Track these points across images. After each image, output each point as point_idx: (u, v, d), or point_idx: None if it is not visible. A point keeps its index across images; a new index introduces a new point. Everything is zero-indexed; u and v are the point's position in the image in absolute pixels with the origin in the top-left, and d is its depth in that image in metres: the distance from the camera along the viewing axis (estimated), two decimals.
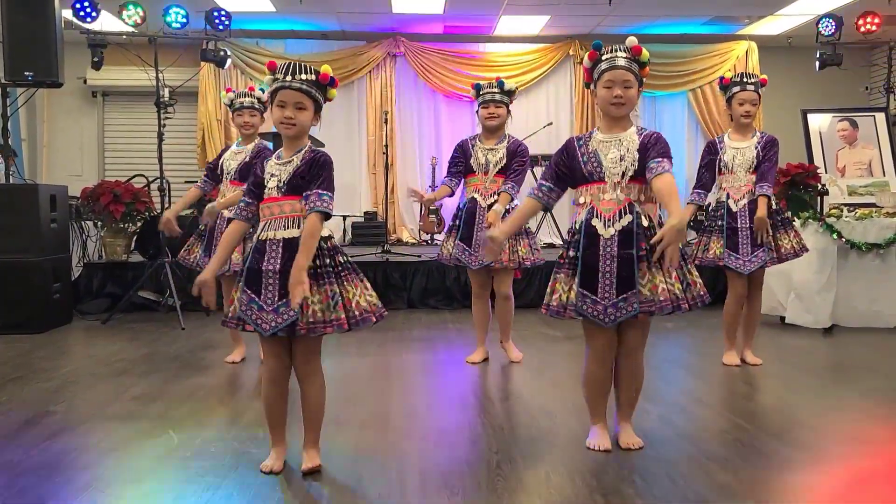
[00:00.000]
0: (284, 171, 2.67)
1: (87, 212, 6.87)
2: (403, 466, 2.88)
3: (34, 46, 5.76)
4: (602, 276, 2.84)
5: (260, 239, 2.66)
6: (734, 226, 4.34)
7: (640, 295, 2.83)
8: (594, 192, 2.88)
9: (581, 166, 2.90)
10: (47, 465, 2.86)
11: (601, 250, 2.84)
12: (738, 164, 4.35)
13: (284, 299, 2.58)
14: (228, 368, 4.56)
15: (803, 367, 4.63)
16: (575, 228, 2.93)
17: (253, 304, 2.63)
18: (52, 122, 10.04)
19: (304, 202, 2.62)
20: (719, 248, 4.36)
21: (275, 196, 2.66)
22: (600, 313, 2.85)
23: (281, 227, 2.64)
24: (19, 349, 5.09)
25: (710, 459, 2.92)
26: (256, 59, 9.74)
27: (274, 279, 2.61)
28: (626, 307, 2.83)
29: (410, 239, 9.74)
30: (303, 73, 2.68)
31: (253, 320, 2.62)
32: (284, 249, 2.61)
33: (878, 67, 8.98)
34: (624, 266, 2.83)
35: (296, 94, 2.65)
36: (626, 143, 2.88)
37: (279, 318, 2.59)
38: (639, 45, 2.91)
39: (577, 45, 9.92)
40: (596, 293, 2.84)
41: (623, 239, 2.83)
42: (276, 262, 2.61)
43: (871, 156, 7.06)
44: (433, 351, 5.17)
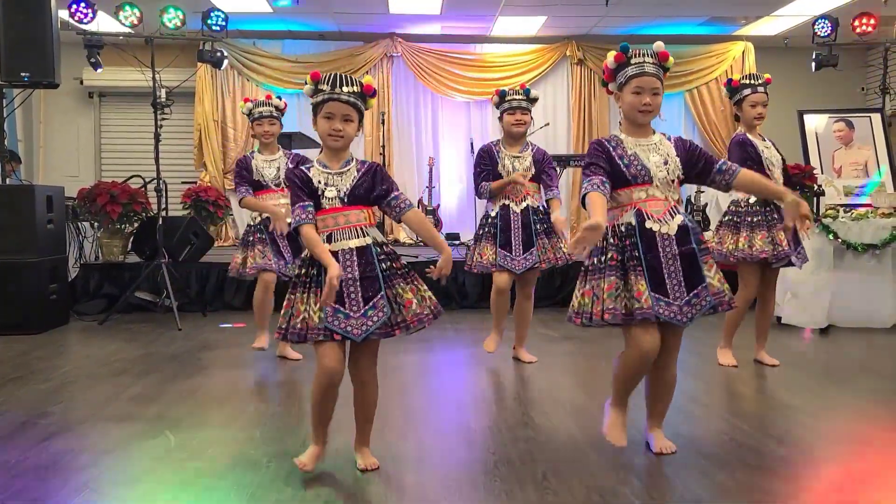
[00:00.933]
0: (342, 182, 2.72)
1: (84, 212, 6.87)
2: (401, 467, 2.88)
3: (30, 47, 5.76)
4: (669, 277, 2.80)
5: (331, 250, 2.67)
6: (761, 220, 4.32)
7: (711, 288, 2.84)
8: (640, 195, 2.85)
9: (623, 169, 2.86)
10: (44, 466, 2.86)
11: (660, 251, 2.80)
12: (774, 161, 4.35)
13: (371, 303, 2.65)
14: (226, 370, 4.56)
15: (800, 368, 4.64)
16: (622, 231, 2.84)
17: (339, 314, 2.64)
18: (49, 122, 10.02)
19: (392, 205, 2.74)
20: (787, 242, 4.27)
21: (337, 206, 2.69)
22: (676, 314, 2.80)
23: (351, 237, 2.69)
24: (16, 350, 5.08)
25: (707, 460, 2.92)
26: (253, 59, 9.74)
27: (355, 287, 2.65)
28: (699, 303, 2.82)
29: (407, 240, 9.74)
30: (349, 84, 2.70)
31: (342, 329, 2.64)
32: (359, 257, 2.67)
33: (874, 68, 9.01)
34: (687, 262, 2.82)
35: (344, 107, 2.69)
36: (664, 148, 2.90)
37: (368, 321, 2.64)
38: (666, 50, 2.90)
39: (573, 45, 9.93)
40: (668, 295, 2.80)
41: (680, 236, 2.83)
42: (354, 271, 2.66)
43: (867, 156, 7.07)
44: (431, 352, 5.16)
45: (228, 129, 9.84)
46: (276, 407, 3.82)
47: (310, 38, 9.95)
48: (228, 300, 6.87)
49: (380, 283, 2.66)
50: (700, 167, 2.91)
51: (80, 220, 7.06)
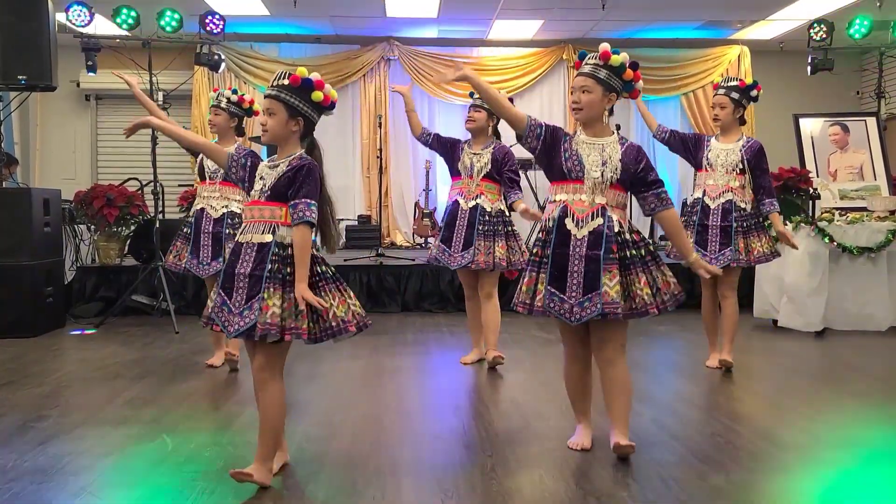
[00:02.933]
0: (270, 176, 2.68)
1: (81, 215, 6.86)
2: (397, 469, 2.89)
3: (28, 50, 5.76)
4: (570, 276, 2.88)
5: (238, 241, 2.69)
6: (706, 223, 4.41)
7: (606, 296, 2.83)
8: (569, 191, 2.92)
9: (562, 162, 2.93)
10: (41, 470, 2.85)
11: (571, 250, 2.88)
12: (720, 163, 4.41)
13: (249, 303, 2.60)
14: (220, 372, 4.55)
15: (795, 370, 4.66)
16: (548, 226, 2.96)
17: (224, 307, 2.66)
18: (46, 125, 10.01)
19: (291, 210, 2.62)
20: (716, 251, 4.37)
21: (258, 199, 2.68)
22: (566, 312, 2.88)
23: (258, 231, 2.66)
24: (12, 353, 5.07)
25: (703, 462, 2.94)
26: (250, 62, 9.74)
27: (244, 282, 2.63)
28: (590, 307, 2.85)
29: (404, 242, 9.75)
30: (276, 79, 2.71)
31: (221, 322, 2.66)
32: (257, 253, 2.63)
33: (869, 72, 9.04)
34: (591, 266, 2.86)
35: (267, 101, 2.70)
36: (609, 150, 2.93)
37: (242, 320, 2.60)
38: (607, 50, 2.93)
39: (570, 49, 9.95)
40: (564, 292, 2.88)
41: (593, 240, 2.86)
42: (248, 266, 2.63)
43: (862, 160, 7.10)
44: (427, 354, 5.17)
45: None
46: None
47: (306, 42, 9.95)
48: None
49: (262, 285, 2.60)
50: (638, 179, 2.93)
51: (77, 223, 7.05)
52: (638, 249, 2.91)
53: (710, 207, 4.41)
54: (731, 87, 4.42)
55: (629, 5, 8.26)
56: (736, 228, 4.36)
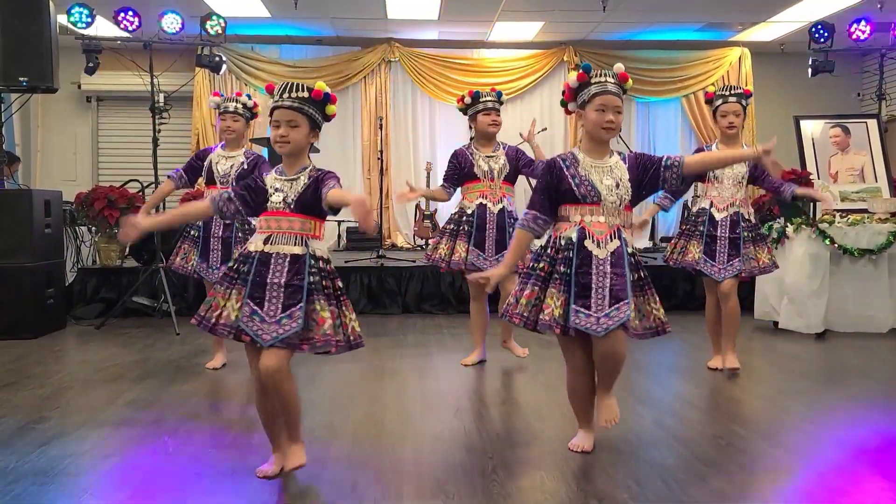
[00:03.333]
0: (291, 189, 2.70)
1: (82, 217, 6.86)
2: (398, 471, 2.89)
3: (29, 52, 5.76)
4: (595, 292, 2.89)
5: (265, 251, 2.67)
6: (714, 234, 4.42)
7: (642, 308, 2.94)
8: (585, 214, 2.93)
9: (574, 189, 2.93)
10: (42, 472, 2.85)
11: (594, 269, 2.89)
12: (726, 175, 4.43)
13: (288, 311, 2.62)
14: (222, 374, 4.56)
15: (796, 372, 4.66)
16: (560, 244, 2.94)
17: (255, 316, 2.64)
18: (47, 127, 10.02)
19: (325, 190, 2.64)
20: (697, 253, 4.43)
21: (282, 210, 2.69)
22: (593, 324, 2.88)
23: (289, 243, 2.67)
24: (13, 354, 5.08)
25: (704, 463, 2.94)
26: (251, 64, 9.75)
27: (279, 292, 2.64)
28: (617, 315, 2.86)
29: (405, 244, 9.75)
30: (296, 91, 2.70)
31: (253, 331, 2.64)
32: (291, 265, 2.65)
33: (870, 74, 9.04)
34: (617, 280, 2.89)
35: (288, 112, 2.68)
36: (618, 171, 2.95)
37: (280, 328, 2.62)
38: (626, 73, 2.98)
39: (571, 51, 9.96)
40: (590, 308, 2.89)
41: (615, 260, 2.90)
42: (282, 277, 2.65)
43: (863, 162, 7.10)
44: (428, 356, 5.17)
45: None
46: None
47: (307, 43, 9.96)
48: None
49: (302, 295, 2.63)
50: (651, 172, 2.96)
51: (78, 225, 7.05)
52: (644, 271, 2.99)
53: (716, 219, 4.42)
54: (740, 95, 4.45)
55: (630, 7, 8.27)
56: (744, 240, 4.41)
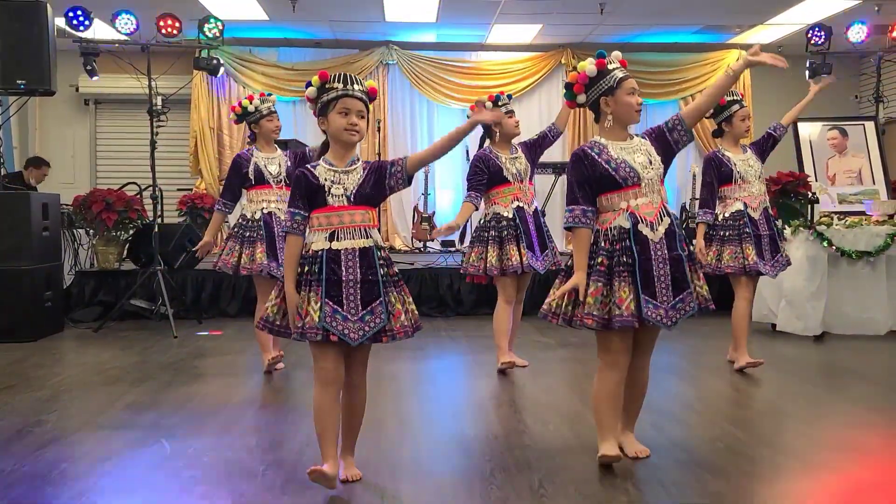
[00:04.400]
0: (349, 180, 2.71)
1: (80, 220, 6.86)
2: (397, 475, 2.88)
3: (27, 55, 5.76)
4: (658, 281, 2.85)
5: (333, 249, 2.65)
6: (758, 233, 4.50)
7: (696, 293, 2.90)
8: (631, 198, 2.88)
9: (612, 173, 2.88)
10: (40, 475, 2.85)
11: (653, 254, 2.85)
12: (751, 174, 4.54)
13: (368, 307, 2.63)
14: (221, 377, 4.55)
15: (794, 374, 4.66)
16: (614, 235, 2.87)
17: (337, 315, 2.62)
18: (44, 129, 10.01)
19: (391, 167, 2.74)
20: (753, 256, 4.44)
21: (343, 205, 2.68)
22: (662, 317, 2.84)
23: (356, 237, 2.67)
24: (10, 357, 5.07)
25: (703, 467, 2.93)
26: (249, 67, 9.75)
27: (355, 289, 2.63)
28: (683, 308, 2.86)
29: (403, 246, 9.75)
30: (359, 83, 2.75)
31: (339, 331, 2.61)
32: (361, 258, 2.65)
33: (867, 77, 9.04)
34: (676, 267, 2.87)
35: (358, 103, 2.71)
36: (645, 148, 2.95)
37: (366, 326, 2.63)
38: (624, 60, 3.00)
39: (568, 53, 9.96)
40: (656, 298, 2.84)
41: (669, 241, 2.88)
42: (357, 272, 2.64)
43: (860, 164, 7.11)
44: (426, 359, 5.17)
45: (224, 137, 9.83)
46: (271, 415, 3.81)
47: (306, 46, 9.97)
48: (224, 307, 6.86)
49: (379, 289, 2.65)
50: (662, 141, 2.98)
51: (76, 228, 7.05)
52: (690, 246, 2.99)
53: (755, 218, 4.51)
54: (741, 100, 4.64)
55: (628, 10, 8.28)
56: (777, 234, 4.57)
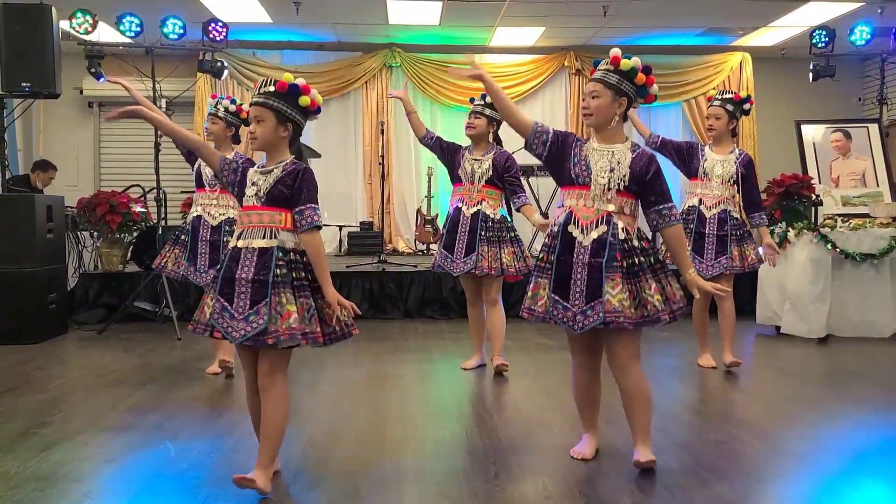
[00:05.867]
0: (264, 182, 2.68)
1: (84, 222, 6.87)
2: (400, 477, 2.88)
3: (31, 57, 5.78)
4: (574, 283, 2.84)
5: (236, 247, 2.68)
6: (702, 231, 4.52)
7: (608, 304, 2.77)
8: (575, 197, 2.89)
9: (570, 167, 2.90)
10: (44, 477, 2.85)
11: (575, 257, 2.85)
12: (716, 174, 4.53)
13: (255, 308, 2.60)
14: (223, 379, 4.55)
15: (798, 377, 4.65)
16: (553, 230, 2.95)
17: (225, 313, 2.63)
18: (48, 132, 10.03)
19: (298, 217, 2.64)
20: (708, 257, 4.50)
21: (254, 205, 2.68)
22: (570, 320, 2.84)
23: (258, 237, 2.66)
24: (14, 359, 5.07)
25: (706, 469, 2.93)
26: (253, 69, 9.76)
27: (247, 288, 2.62)
28: (592, 315, 2.80)
29: (406, 248, 9.75)
30: (263, 86, 2.72)
31: (224, 328, 2.63)
32: (259, 258, 2.63)
33: (871, 79, 9.04)
34: (593, 274, 2.81)
35: (255, 109, 2.70)
36: (619, 156, 2.87)
37: (248, 326, 2.60)
38: (618, 55, 2.88)
39: (571, 56, 9.97)
40: (567, 299, 2.85)
41: (597, 248, 2.82)
42: (250, 271, 2.63)
43: (864, 166, 7.10)
44: (429, 361, 5.17)
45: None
46: None
47: (309, 49, 9.98)
48: None
49: (267, 290, 2.60)
50: (644, 193, 2.87)
51: (80, 230, 7.06)
52: (647, 257, 2.85)
53: (705, 216, 4.53)
54: (727, 100, 4.60)
55: (631, 12, 8.28)
56: (731, 237, 4.50)
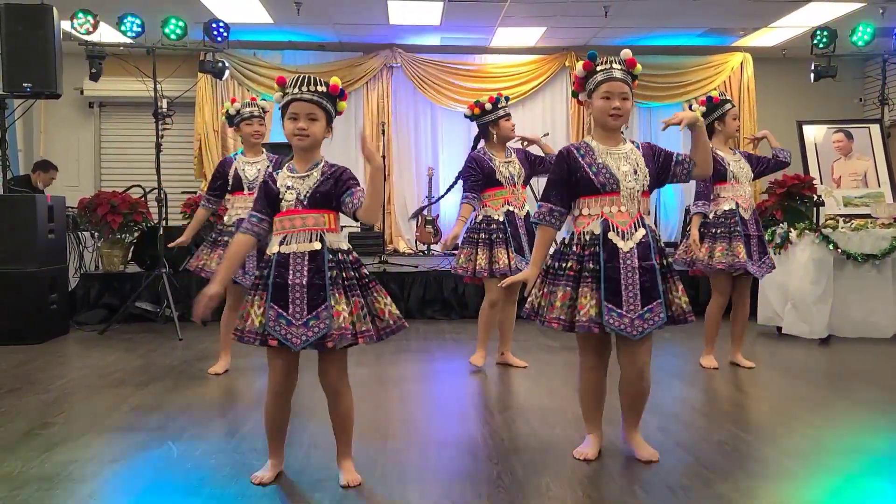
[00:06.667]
0: (304, 185, 2.67)
1: (85, 222, 6.87)
2: (403, 478, 2.88)
3: (32, 58, 5.78)
4: (625, 289, 2.83)
5: (282, 252, 2.64)
6: (748, 233, 4.56)
7: (670, 304, 2.89)
8: (606, 205, 2.88)
9: (592, 177, 2.88)
10: (47, 478, 2.85)
11: (621, 263, 2.84)
12: (743, 175, 4.59)
13: (314, 312, 2.59)
14: (225, 379, 4.55)
15: (800, 377, 4.65)
16: (585, 240, 2.89)
17: (281, 319, 2.60)
18: (49, 132, 10.03)
19: (349, 199, 2.64)
20: (744, 254, 4.51)
21: (296, 209, 2.66)
22: (627, 326, 2.83)
23: (304, 241, 2.65)
24: (16, 360, 5.07)
25: (709, 469, 2.93)
26: (254, 70, 9.77)
27: (301, 293, 2.60)
28: (652, 318, 2.84)
29: (407, 249, 9.75)
30: (313, 84, 2.69)
31: (282, 335, 2.60)
32: (310, 262, 2.62)
33: (872, 79, 9.04)
34: (647, 277, 2.84)
35: (307, 106, 2.66)
36: (634, 157, 2.92)
37: (309, 331, 2.59)
38: (633, 57, 2.93)
39: (572, 56, 9.97)
40: (621, 306, 2.83)
41: (642, 251, 2.86)
42: (303, 276, 2.61)
43: (866, 167, 7.10)
44: (431, 361, 5.16)
45: (228, 139, 9.84)
46: None
47: (310, 49, 9.99)
48: None
49: (325, 293, 2.60)
50: (663, 165, 2.95)
51: (81, 230, 7.06)
52: (667, 258, 2.95)
53: (745, 218, 4.57)
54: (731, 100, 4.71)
55: (632, 12, 8.28)
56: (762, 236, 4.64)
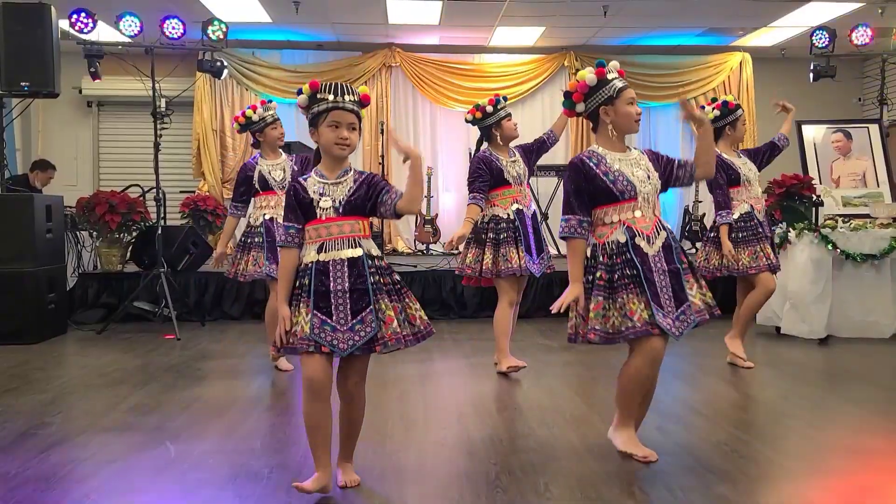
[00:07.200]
0: (338, 192, 2.67)
1: (83, 222, 6.86)
2: (402, 478, 2.88)
3: (31, 57, 5.77)
4: (661, 292, 2.87)
5: (321, 261, 2.63)
6: (766, 234, 4.63)
7: (695, 305, 2.93)
8: (626, 211, 2.91)
9: (610, 185, 2.90)
10: (44, 477, 2.84)
11: (652, 266, 2.88)
12: (752, 177, 4.64)
13: (358, 316, 2.60)
14: (225, 380, 4.55)
15: (799, 378, 4.64)
16: (612, 250, 2.89)
17: (326, 326, 2.60)
18: (47, 131, 10.02)
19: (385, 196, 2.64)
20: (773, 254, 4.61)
21: (332, 217, 2.65)
22: (672, 326, 2.87)
23: (343, 247, 2.64)
24: (14, 360, 5.06)
25: (708, 470, 2.92)
26: (253, 69, 9.76)
27: (344, 299, 2.60)
28: (686, 319, 2.90)
29: (406, 249, 9.75)
30: (350, 93, 2.70)
31: (328, 342, 2.59)
32: (350, 268, 2.62)
33: (871, 79, 9.04)
34: (675, 280, 2.90)
35: (349, 115, 2.68)
36: (644, 162, 2.98)
37: (356, 335, 2.59)
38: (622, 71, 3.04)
39: (571, 56, 9.97)
40: (662, 308, 2.86)
41: (666, 254, 2.91)
42: (344, 282, 2.61)
43: (865, 167, 7.10)
44: (430, 361, 5.15)
45: (227, 139, 9.85)
46: (275, 417, 3.81)
47: (308, 49, 9.98)
48: (227, 310, 6.86)
49: (369, 297, 2.61)
50: (666, 169, 3.01)
51: (79, 230, 7.05)
52: (687, 256, 3.00)
53: (760, 220, 4.62)
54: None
55: (631, 12, 8.28)
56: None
